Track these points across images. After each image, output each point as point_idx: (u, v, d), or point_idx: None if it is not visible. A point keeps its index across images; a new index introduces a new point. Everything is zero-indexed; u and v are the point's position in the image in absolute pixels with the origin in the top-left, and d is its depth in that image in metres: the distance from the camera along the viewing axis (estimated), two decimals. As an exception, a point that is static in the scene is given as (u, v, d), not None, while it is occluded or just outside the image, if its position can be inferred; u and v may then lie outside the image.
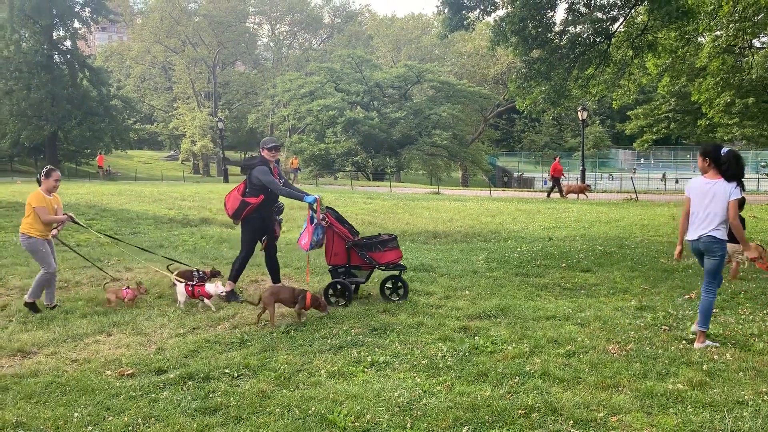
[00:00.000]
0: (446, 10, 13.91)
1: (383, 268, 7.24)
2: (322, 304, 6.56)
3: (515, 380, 4.67)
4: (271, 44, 71.62)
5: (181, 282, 7.27)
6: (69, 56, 42.46)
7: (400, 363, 5.13)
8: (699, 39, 24.19)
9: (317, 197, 7.18)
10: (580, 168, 34.02)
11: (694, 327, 5.64)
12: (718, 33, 26.54)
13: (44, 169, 7.18)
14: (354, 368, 5.02)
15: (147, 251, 9.81)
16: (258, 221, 7.49)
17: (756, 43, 31.47)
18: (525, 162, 73.43)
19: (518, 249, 11.47)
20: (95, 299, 7.47)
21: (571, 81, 15.65)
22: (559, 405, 4.19)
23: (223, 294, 7.27)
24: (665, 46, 16.80)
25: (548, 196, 26.24)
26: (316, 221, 7.09)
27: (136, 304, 7.25)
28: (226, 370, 5.01)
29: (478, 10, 14.07)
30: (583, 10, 15.07)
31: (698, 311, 5.57)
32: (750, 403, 4.15)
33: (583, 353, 5.29)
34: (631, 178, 32.89)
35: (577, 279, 8.68)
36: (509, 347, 5.44)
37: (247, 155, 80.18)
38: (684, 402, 4.22)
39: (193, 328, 6.34)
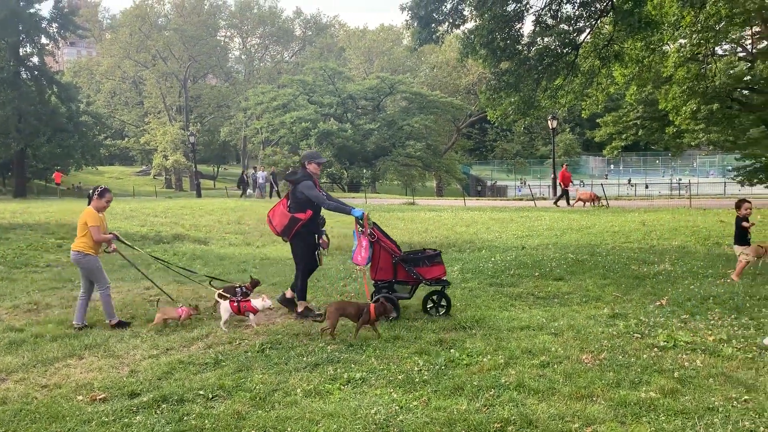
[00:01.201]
0: (415, 24, 14.02)
1: (429, 283, 7.17)
2: (388, 309, 6.49)
3: (491, 393, 4.69)
4: (243, 57, 71.52)
5: (225, 299, 7.18)
6: (36, 72, 41.74)
7: (376, 379, 5.11)
8: (664, 48, 24.70)
9: (364, 212, 7.09)
10: (552, 176, 34.45)
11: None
12: (682, 42, 27.18)
13: (98, 189, 7.23)
14: (330, 386, 5.00)
15: (190, 270, 9.63)
16: (308, 236, 7.39)
17: (718, 50, 32.27)
18: (498, 170, 74.12)
19: (492, 259, 11.54)
20: (66, 321, 7.33)
21: (540, 92, 15.87)
22: (534, 417, 4.21)
23: (271, 308, 7.20)
24: (631, 56, 17.11)
25: (556, 203, 25.69)
26: (364, 234, 7.00)
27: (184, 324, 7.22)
28: (201, 392, 4.95)
29: (447, 24, 14.20)
30: (549, 21, 15.30)
31: None
32: (720, 409, 4.22)
33: (557, 363, 5.33)
34: (601, 184, 33.32)
35: (550, 288, 8.77)
36: (485, 359, 5.46)
37: (219, 168, 79.76)
38: (657, 410, 4.27)
39: (167, 349, 6.25)
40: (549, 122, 32.96)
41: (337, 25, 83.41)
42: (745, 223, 9.12)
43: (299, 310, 7.36)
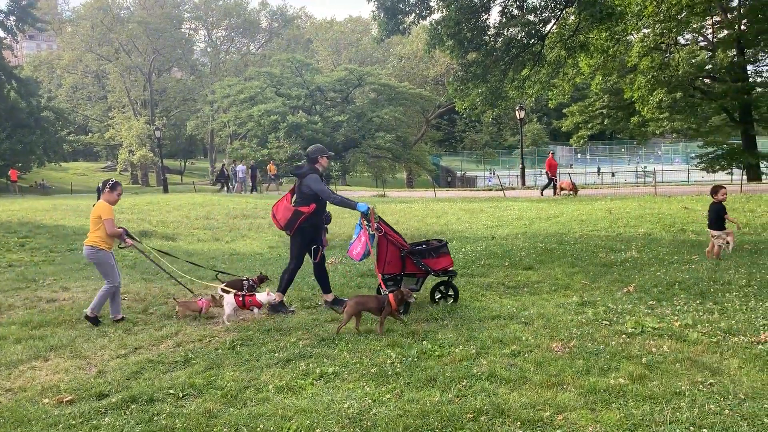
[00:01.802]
0: (382, 15, 13.98)
1: (437, 274, 7.20)
2: (406, 293, 6.44)
3: (463, 383, 4.71)
4: (209, 50, 70.47)
5: (229, 292, 7.12)
6: (-6, 67, 40.68)
7: (349, 373, 5.10)
8: (628, 38, 25.08)
9: (370, 206, 7.02)
10: (520, 165, 34.76)
11: None
12: (645, 32, 27.62)
13: (109, 182, 7.24)
14: (303, 381, 4.97)
15: (198, 265, 9.47)
16: (310, 231, 7.30)
17: (681, 40, 32.90)
18: (467, 161, 74.58)
19: (463, 249, 11.61)
20: (31, 322, 7.17)
21: (507, 82, 15.98)
22: (506, 406, 4.24)
23: (275, 302, 7.13)
24: (596, 46, 17.34)
25: (541, 193, 25.52)
26: (371, 231, 6.93)
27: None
28: (171, 391, 4.88)
29: (413, 14, 14.19)
30: (515, 12, 15.39)
31: None
32: (687, 393, 4.30)
33: (528, 352, 5.37)
34: (568, 173, 33.77)
35: (520, 277, 8.85)
36: (456, 350, 5.48)
37: (187, 162, 78.69)
38: (626, 396, 4.33)
39: (135, 348, 6.15)
40: (516, 112, 33.27)
41: (303, 17, 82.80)
42: (727, 216, 9.63)
43: (277, 299, 7.25)
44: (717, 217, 9.68)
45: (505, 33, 15.75)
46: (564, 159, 73.70)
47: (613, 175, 49.02)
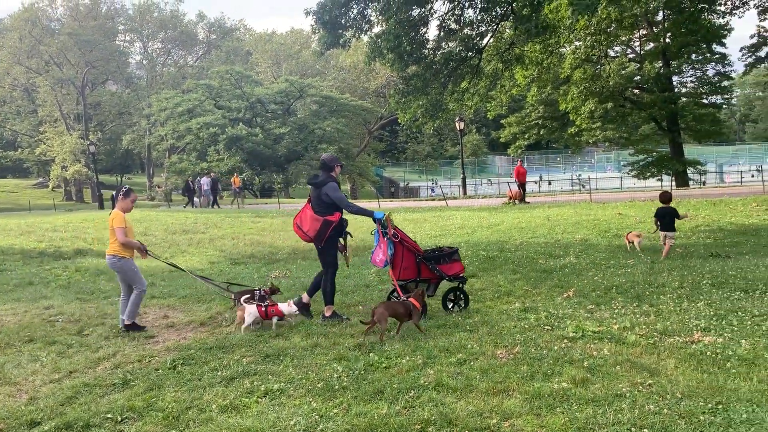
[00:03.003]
0: (321, 29, 13.97)
1: (450, 279, 7.31)
2: (422, 293, 6.67)
3: (411, 394, 4.69)
4: (144, 62, 68.75)
5: (251, 303, 7.00)
6: None
7: (295, 389, 5.00)
8: (561, 50, 25.86)
9: (385, 213, 7.11)
10: (461, 175, 35.26)
11: None
12: (577, 44, 28.56)
13: (122, 189, 7.22)
14: (247, 399, 4.84)
15: (207, 279, 9.08)
16: (336, 239, 7.30)
17: (611, 52, 34.16)
18: (410, 172, 75.21)
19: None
20: (-46, 349, 6.75)
21: (447, 95, 16.19)
22: (453, 416, 4.24)
23: (296, 313, 7.08)
24: (531, 59, 17.80)
25: (519, 201, 24.82)
26: (387, 236, 7.01)
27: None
28: (109, 415, 4.67)
29: (353, 28, 14.23)
30: (453, 26, 15.64)
31: None
32: (627, 395, 4.41)
33: (473, 360, 5.40)
34: (508, 183, 34.46)
35: (469, 287, 8.91)
36: (403, 360, 5.46)
37: (123, 178, 76.40)
38: (569, 400, 4.40)
39: (70, 372, 5.87)
40: (456, 124, 33.76)
41: (242, 29, 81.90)
42: (683, 217, 10.68)
43: (327, 314, 7.23)
44: (671, 220, 10.48)
45: (444, 46, 15.99)
46: (503, 169, 75.26)
47: (549, 183, 50.31)
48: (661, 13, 32.33)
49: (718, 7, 27.50)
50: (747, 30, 73.33)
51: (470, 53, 15.90)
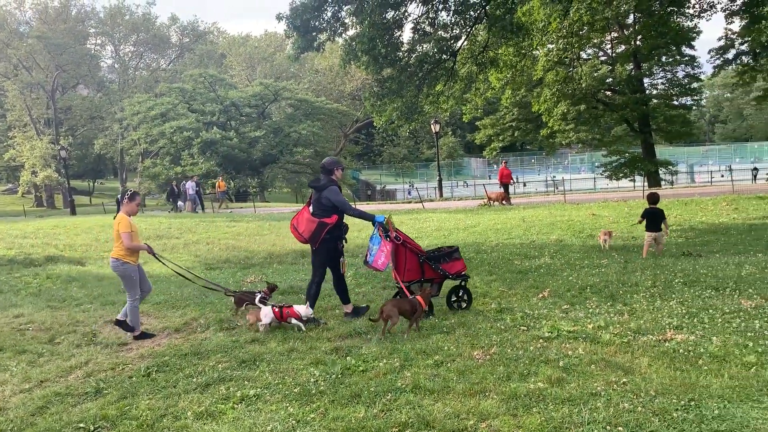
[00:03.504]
0: (294, 34, 13.92)
1: (452, 277, 7.40)
2: (429, 292, 6.85)
3: (388, 397, 4.68)
4: (116, 66, 67.87)
5: (266, 305, 7.01)
6: None
7: (271, 394, 4.96)
8: (535, 53, 26.12)
9: (386, 216, 7.18)
10: (437, 178, 35.37)
11: None
12: (550, 47, 28.86)
13: (128, 192, 7.22)
14: (223, 406, 4.79)
15: (212, 283, 9.25)
16: (332, 242, 7.27)
17: (583, 55, 34.58)
18: (386, 174, 75.31)
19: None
20: None
21: (422, 97, 16.24)
22: (431, 418, 4.24)
23: (312, 316, 7.05)
24: (505, 61, 17.94)
25: (503, 202, 24.68)
26: (390, 239, 7.07)
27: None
28: (81, 425, 4.59)
29: (327, 31, 14.21)
30: (427, 29, 15.70)
31: None
32: (602, 393, 4.45)
33: (450, 362, 5.42)
34: (483, 185, 34.68)
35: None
36: (380, 364, 5.46)
37: (96, 183, 75.28)
38: (545, 400, 4.43)
39: (41, 381, 5.76)
40: (432, 126, 33.85)
41: (216, 32, 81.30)
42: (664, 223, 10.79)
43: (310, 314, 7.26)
44: (658, 221, 10.73)
45: (419, 49, 16.03)
46: (478, 171, 75.73)
47: (524, 185, 50.74)
48: (631, 16, 32.82)
49: (687, 10, 27.98)
50: (715, 33, 74.89)
51: (445, 56, 15.98)
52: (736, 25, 28.31)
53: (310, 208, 7.30)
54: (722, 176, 45.16)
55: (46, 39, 54.12)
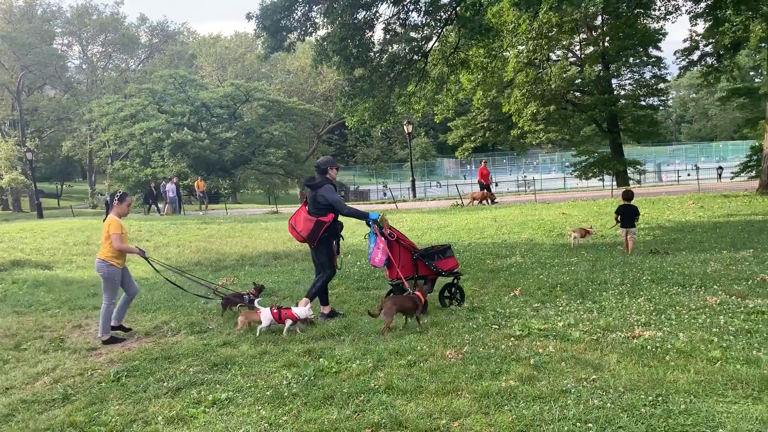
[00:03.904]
0: (264, 33, 13.84)
1: (445, 274, 7.50)
2: (426, 290, 6.96)
3: (361, 398, 4.67)
4: (84, 66, 66.70)
5: (264, 307, 6.92)
6: None
7: (243, 397, 4.91)
8: (505, 54, 26.37)
9: (380, 214, 7.34)
10: (410, 178, 35.45)
11: None
12: (520, 48, 29.15)
13: (117, 194, 7.12)
14: (194, 410, 4.73)
15: (204, 281, 9.27)
16: (330, 240, 7.37)
17: (552, 56, 34.99)
18: (360, 175, 75.25)
19: (357, 263, 11.62)
20: None
21: (394, 98, 16.27)
22: (403, 418, 4.24)
23: (311, 317, 7.01)
24: (476, 63, 18.07)
25: (489, 202, 24.52)
26: (384, 236, 7.17)
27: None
28: (48, 433, 4.49)
29: (297, 31, 14.15)
30: (398, 29, 15.73)
31: None
32: (573, 391, 4.50)
33: (423, 361, 5.43)
34: (456, 185, 34.87)
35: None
36: (353, 365, 5.44)
37: (64, 185, 73.87)
38: (516, 398, 4.47)
39: (6, 389, 5.62)
40: (405, 127, 33.94)
41: (186, 33, 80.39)
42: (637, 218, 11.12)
43: (326, 312, 7.41)
44: (632, 217, 11.05)
45: (390, 50, 16.06)
46: (451, 171, 76.12)
47: (496, 185, 51.12)
48: (599, 18, 33.30)
49: (653, 12, 28.47)
50: (680, 34, 76.30)
51: (416, 57, 16.03)
52: (701, 27, 28.94)
53: (307, 207, 7.34)
54: (689, 175, 46.02)
55: (10, 39, 52.95)
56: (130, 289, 7.36)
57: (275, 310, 6.83)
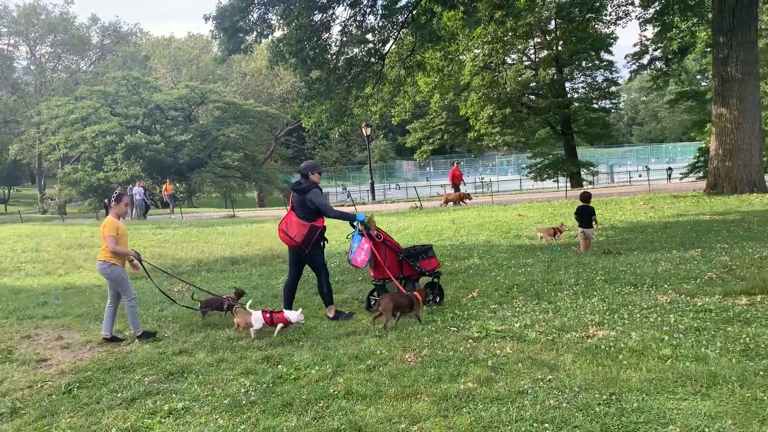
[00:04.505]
0: (221, 35, 13.68)
1: (427, 274, 7.72)
2: (428, 294, 7.25)
3: (320, 404, 4.65)
4: (32, 67, 64.62)
5: (255, 311, 6.84)
6: None
7: (200, 406, 4.83)
8: (461, 58, 26.65)
9: (367, 215, 7.46)
10: (369, 181, 35.47)
11: None
12: (476, 52, 29.52)
13: (114, 194, 7.07)
14: (150, 420, 4.63)
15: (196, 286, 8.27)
16: (320, 242, 7.43)
17: (508, 60, 35.54)
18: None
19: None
20: None
21: (351, 100, 16.28)
22: (363, 423, 4.24)
23: (303, 323, 6.96)
24: (432, 66, 18.22)
25: (463, 202, 24.34)
26: (371, 237, 7.30)
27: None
28: (-5, 449, 4.34)
29: (254, 33, 14.02)
30: (355, 32, 15.75)
31: None
32: (529, 391, 4.57)
33: (383, 365, 5.43)
34: (415, 187, 35.05)
35: (373, 291, 8.96)
36: (312, 371, 5.42)
37: (11, 190, 71.46)
38: (475, 400, 4.51)
39: (-50, 405, 5.40)
40: (363, 129, 33.95)
41: (139, 33, 78.75)
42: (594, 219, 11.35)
43: (330, 315, 7.43)
44: (588, 218, 11.25)
45: (347, 52, 16.06)
46: (410, 173, 76.45)
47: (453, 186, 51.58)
48: (553, 22, 33.98)
49: (604, 17, 29.24)
50: (631, 39, 78.37)
51: (373, 59, 16.07)
52: (650, 32, 29.82)
53: (296, 212, 7.34)
54: (640, 176, 47.12)
55: (-47, 38, 51.01)
56: (117, 296, 7.23)
57: (267, 314, 6.80)
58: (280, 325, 6.79)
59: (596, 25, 31.13)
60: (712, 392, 4.35)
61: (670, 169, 46.52)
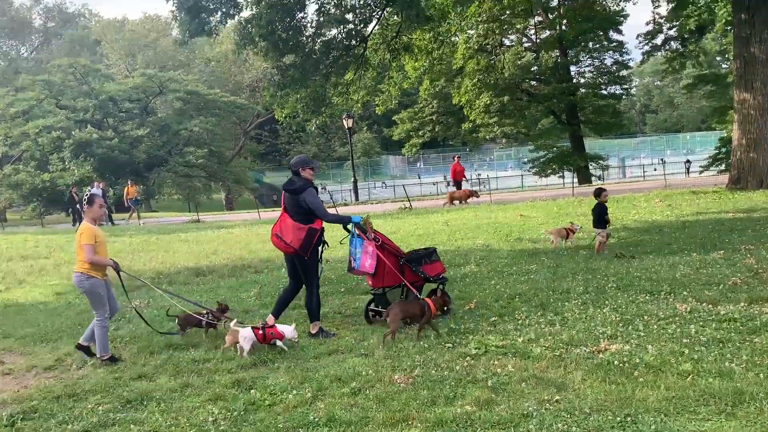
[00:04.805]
0: (183, 14, 13.61)
1: (431, 279, 7.77)
2: (446, 302, 7.29)
3: (299, 434, 4.64)
4: (-35, 54, 64.03)
5: (244, 326, 6.83)
6: None
7: (162, 438, 4.81)
8: (453, 39, 26.73)
9: (362, 216, 7.54)
10: (352, 179, 35.46)
11: None
12: (470, 33, 29.61)
13: (85, 197, 6.91)
14: (104, 456, 4.60)
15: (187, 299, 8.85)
16: (317, 247, 7.42)
17: (506, 41, 35.68)
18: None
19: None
20: None
21: (330, 87, 16.26)
22: (348, 454, 4.24)
23: (296, 341, 6.94)
24: (421, 48, 18.25)
25: (465, 201, 24.20)
26: (372, 240, 7.39)
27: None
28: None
29: (219, 13, 13.98)
30: (333, 11, 15.74)
31: None
32: (534, 414, 4.58)
33: (369, 388, 5.43)
34: (403, 185, 35.07)
35: (358, 303, 8.96)
36: (290, 396, 5.40)
37: None
38: (473, 424, 4.52)
39: None
40: (344, 121, 33.94)
41: (88, 15, 78.36)
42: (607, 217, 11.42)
43: (313, 331, 7.39)
44: (601, 216, 11.35)
45: (324, 33, 16.04)
46: (398, 169, 76.52)
47: (448, 184, 51.72)
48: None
49: (613, -8, 29.49)
50: (643, 17, 79.12)
51: (354, 42, 16.07)
52: (664, 9, 30.12)
53: (289, 214, 7.31)
54: (655, 170, 47.52)
55: None
56: (109, 305, 7.20)
57: (259, 331, 6.78)
58: (277, 342, 6.79)
59: (604, 2, 31.40)
60: (738, 411, 4.39)
61: (688, 161, 46.97)
